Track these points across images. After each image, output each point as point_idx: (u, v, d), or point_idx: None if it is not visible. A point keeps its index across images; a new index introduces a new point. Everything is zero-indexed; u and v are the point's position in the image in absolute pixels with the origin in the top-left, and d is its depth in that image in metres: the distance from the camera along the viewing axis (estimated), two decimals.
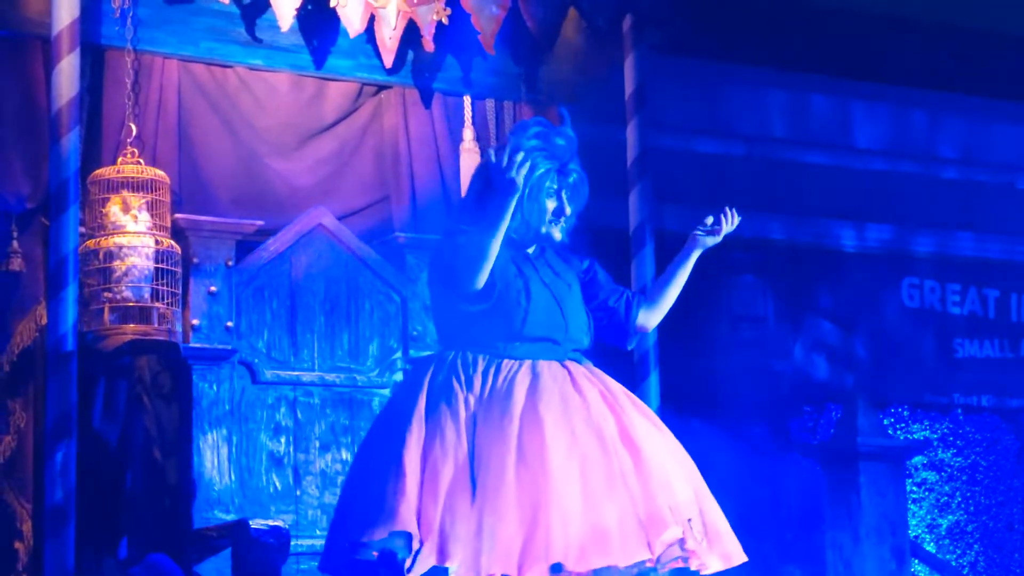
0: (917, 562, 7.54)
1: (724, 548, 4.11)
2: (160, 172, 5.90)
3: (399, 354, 6.07)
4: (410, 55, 6.45)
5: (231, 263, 5.84)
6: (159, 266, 5.78)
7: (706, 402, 7.21)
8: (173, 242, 5.83)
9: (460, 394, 4.09)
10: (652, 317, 4.46)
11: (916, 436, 7.95)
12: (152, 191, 5.84)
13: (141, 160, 5.89)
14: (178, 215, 5.88)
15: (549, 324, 4.22)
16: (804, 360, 7.90)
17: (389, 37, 6.23)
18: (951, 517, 7.97)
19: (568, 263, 4.41)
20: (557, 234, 4.30)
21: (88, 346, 5.62)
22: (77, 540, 5.35)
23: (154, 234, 5.81)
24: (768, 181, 7.82)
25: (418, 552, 3.91)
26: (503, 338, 4.17)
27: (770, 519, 7.12)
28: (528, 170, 4.09)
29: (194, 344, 5.70)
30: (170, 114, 6.11)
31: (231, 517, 5.51)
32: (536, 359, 4.16)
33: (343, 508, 4.18)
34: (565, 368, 4.19)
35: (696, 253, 4.41)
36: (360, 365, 6.02)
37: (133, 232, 5.77)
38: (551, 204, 4.27)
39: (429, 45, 6.26)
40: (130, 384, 5.58)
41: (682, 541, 4.00)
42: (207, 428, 5.62)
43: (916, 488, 7.89)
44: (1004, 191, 8.46)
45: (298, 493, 5.85)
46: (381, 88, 6.55)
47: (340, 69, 6.40)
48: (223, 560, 5.37)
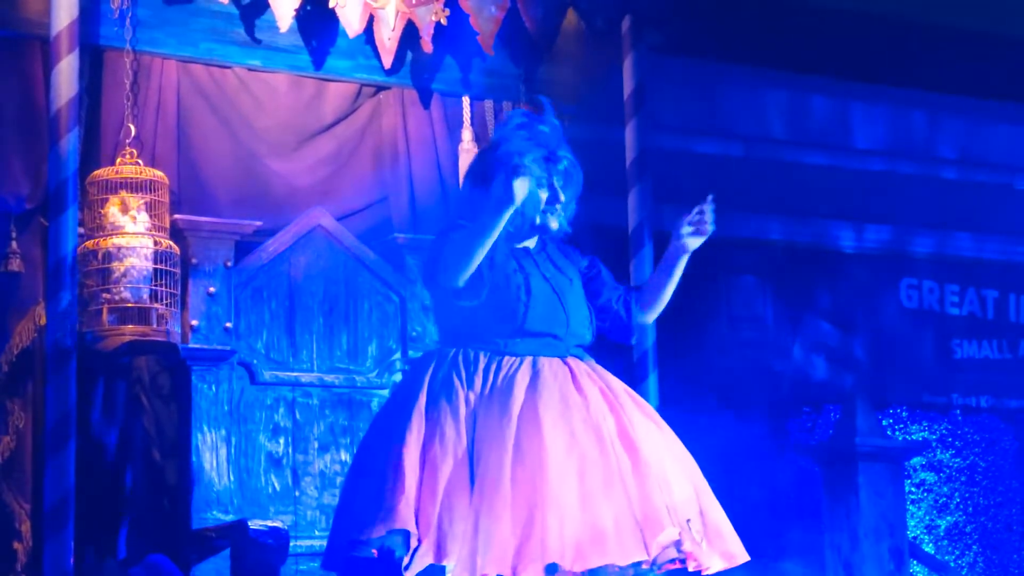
0: (916, 563, 7.53)
1: (726, 547, 4.10)
2: (159, 173, 5.90)
3: (398, 355, 6.07)
4: (409, 56, 6.45)
5: (230, 264, 5.83)
6: (158, 267, 5.77)
7: (705, 402, 7.21)
8: (172, 243, 5.83)
9: (461, 391, 4.08)
10: (649, 316, 4.44)
11: (915, 437, 7.95)
12: (151, 192, 5.84)
13: (140, 161, 5.90)
14: (177, 216, 5.88)
15: (550, 319, 4.20)
16: (803, 360, 7.90)
17: (388, 38, 6.24)
18: (950, 518, 7.97)
19: (569, 259, 4.39)
20: (554, 223, 4.28)
21: (87, 347, 5.62)
22: (76, 541, 5.35)
23: (153, 235, 5.80)
24: (767, 182, 7.81)
25: (416, 550, 3.91)
26: (504, 334, 4.16)
27: (769, 519, 7.11)
28: (522, 173, 4.05)
29: (193, 345, 5.70)
30: (169, 115, 6.11)
31: (230, 518, 5.51)
32: (537, 355, 4.15)
33: (344, 505, 4.17)
34: (566, 365, 4.18)
35: (685, 257, 4.31)
36: (359, 366, 6.02)
37: (132, 233, 5.77)
38: (543, 194, 4.25)
39: (428, 46, 6.26)
40: (129, 385, 5.58)
41: (678, 543, 3.98)
42: (206, 429, 5.63)
43: (915, 489, 7.88)
44: (1003, 192, 8.45)
45: (297, 494, 5.85)
46: (380, 89, 6.55)
47: (339, 70, 6.40)
48: (222, 560, 5.37)
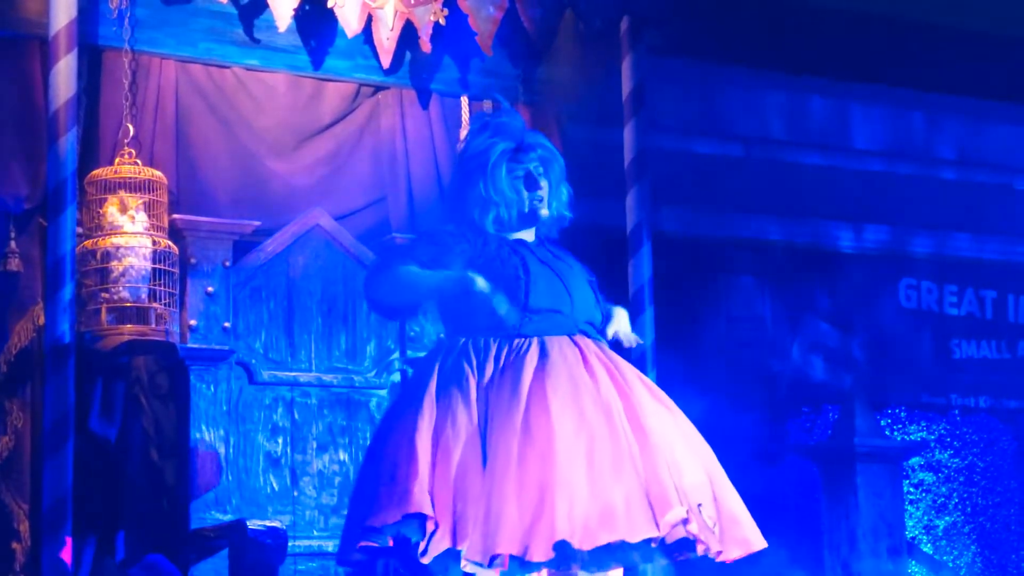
0: (914, 563, 7.54)
1: (743, 534, 4.07)
2: (157, 173, 5.90)
3: (396, 355, 6.07)
4: (407, 56, 6.45)
5: (228, 263, 5.84)
6: (156, 266, 5.78)
7: (703, 402, 7.20)
8: (170, 242, 5.83)
9: (471, 376, 4.08)
10: None
11: (913, 437, 7.95)
12: (149, 191, 5.84)
13: (138, 161, 5.90)
14: (175, 215, 5.88)
15: (552, 295, 4.20)
16: (802, 361, 7.89)
17: (387, 38, 6.24)
18: (948, 518, 7.97)
19: (574, 259, 4.40)
20: (544, 210, 4.30)
21: (86, 346, 5.62)
22: (75, 541, 5.35)
23: (151, 234, 5.81)
24: (766, 182, 7.81)
25: (432, 534, 3.90)
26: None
27: (767, 519, 7.11)
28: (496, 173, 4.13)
29: (191, 344, 5.70)
30: (168, 114, 6.12)
31: (228, 517, 5.51)
32: (545, 335, 4.14)
33: (357, 494, 4.15)
34: (576, 345, 4.17)
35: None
36: (357, 366, 6.02)
37: (130, 232, 5.77)
38: (523, 189, 4.27)
39: (426, 46, 6.26)
40: (127, 384, 5.59)
41: (686, 521, 3.93)
42: (204, 428, 5.63)
43: (913, 489, 7.88)
44: (1002, 192, 8.45)
45: (295, 494, 5.85)
46: (378, 89, 6.55)
47: (338, 70, 6.40)
48: (220, 560, 5.37)
